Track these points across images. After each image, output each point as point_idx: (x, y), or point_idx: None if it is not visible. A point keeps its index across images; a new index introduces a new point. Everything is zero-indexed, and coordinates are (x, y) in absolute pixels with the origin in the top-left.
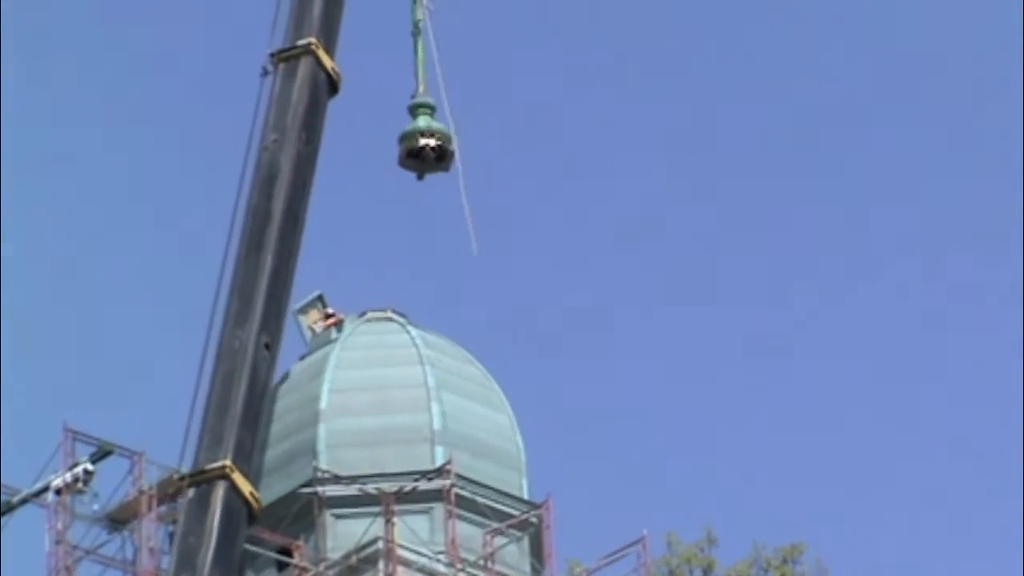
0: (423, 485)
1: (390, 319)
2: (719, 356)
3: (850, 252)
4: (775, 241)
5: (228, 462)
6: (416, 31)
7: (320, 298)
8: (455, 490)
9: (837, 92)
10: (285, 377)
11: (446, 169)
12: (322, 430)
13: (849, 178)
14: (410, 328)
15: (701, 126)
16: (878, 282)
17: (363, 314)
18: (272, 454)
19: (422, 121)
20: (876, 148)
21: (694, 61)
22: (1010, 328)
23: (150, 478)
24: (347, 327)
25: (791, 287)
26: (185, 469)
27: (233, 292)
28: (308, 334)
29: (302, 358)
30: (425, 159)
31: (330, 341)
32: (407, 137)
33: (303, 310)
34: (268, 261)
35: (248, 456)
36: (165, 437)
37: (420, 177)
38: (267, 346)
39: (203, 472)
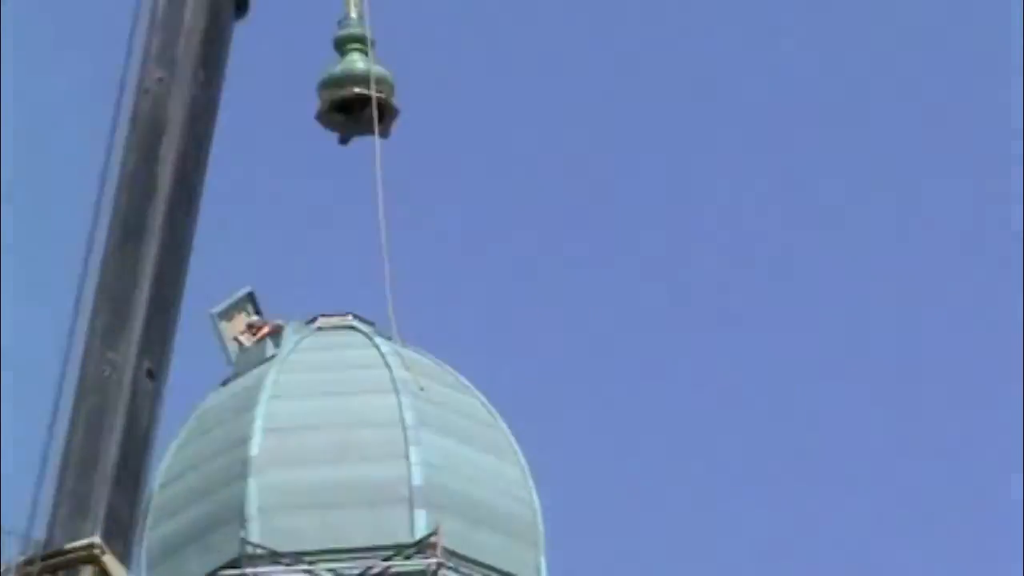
0: (398, 566)
1: (351, 327)
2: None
3: (857, 257)
4: (781, 252)
5: (97, 540)
6: None
7: (250, 298)
8: (444, 572)
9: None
10: (201, 410)
11: (384, 134)
12: (253, 486)
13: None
14: (379, 340)
15: (691, 119)
16: (880, 290)
17: (312, 321)
18: (184, 519)
19: (358, 62)
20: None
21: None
22: (1010, 328)
23: (7, 555)
24: (289, 339)
25: (800, 301)
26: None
27: (101, 298)
28: (233, 348)
29: (225, 383)
30: (356, 116)
31: (265, 359)
32: (334, 83)
33: (226, 315)
34: (152, 254)
35: (125, 530)
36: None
37: (344, 140)
38: (151, 373)
39: (61, 554)
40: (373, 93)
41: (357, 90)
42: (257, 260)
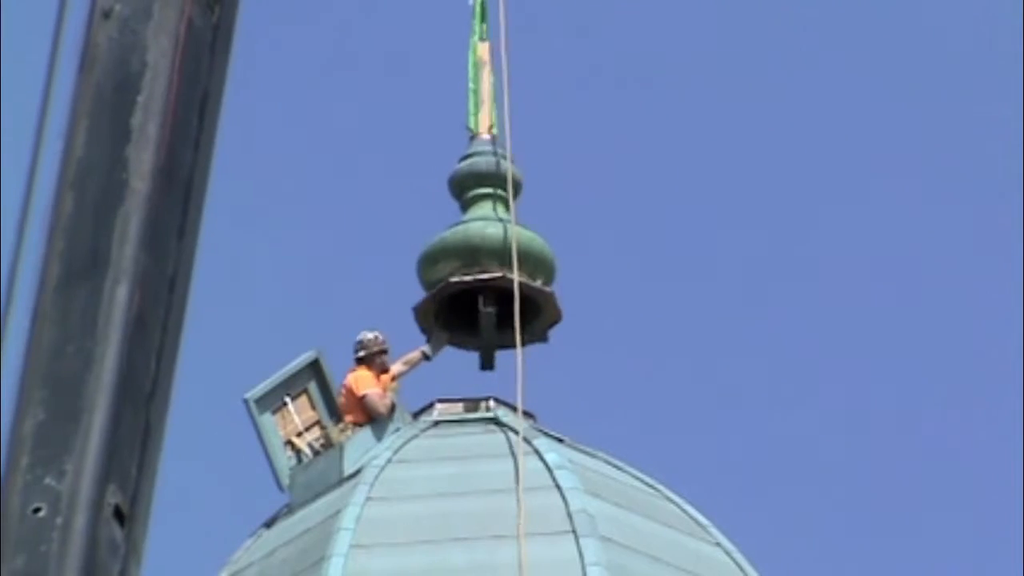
0: None
1: (494, 422)
2: None
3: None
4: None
5: None
6: None
7: (314, 369)
8: None
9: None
10: (230, 573)
11: (541, 336)
12: None
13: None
14: (547, 445)
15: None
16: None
17: (424, 410)
18: None
19: (488, 225)
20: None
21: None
22: (1009, 331)
23: None
24: (384, 440)
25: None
26: None
27: (31, 382)
28: (284, 461)
29: (271, 523)
30: (486, 319)
31: (341, 478)
32: (437, 258)
33: (271, 400)
34: (119, 302)
35: None
36: None
37: (486, 362)
38: (120, 514)
39: None
40: (516, 278)
41: (479, 276)
42: (324, 309)
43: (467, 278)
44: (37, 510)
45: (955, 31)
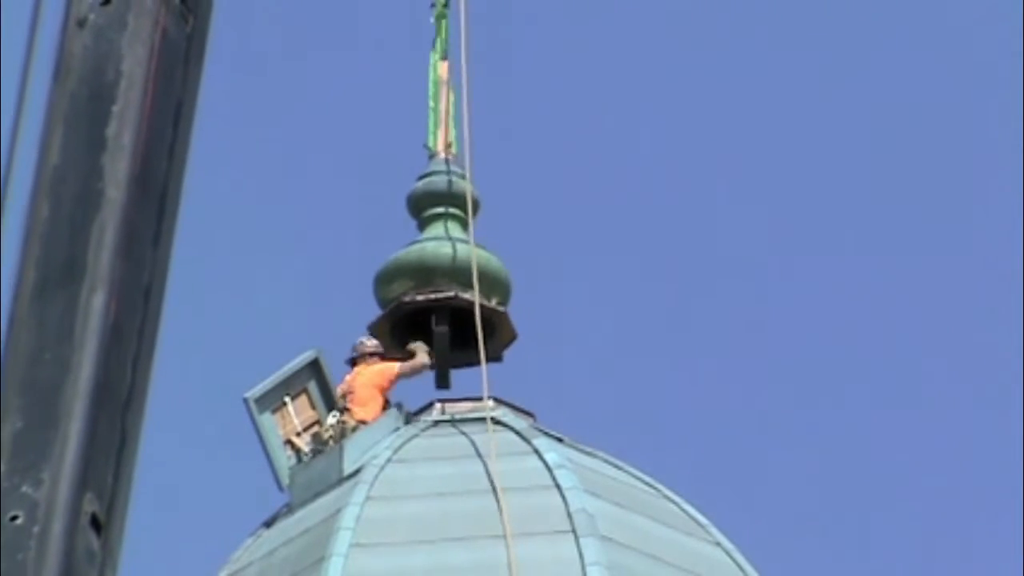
0: None
1: (493, 421)
2: None
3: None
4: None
5: None
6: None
7: (313, 369)
8: None
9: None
10: (229, 572)
11: (495, 355)
12: None
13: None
14: (546, 444)
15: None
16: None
17: (423, 409)
18: None
19: (445, 244)
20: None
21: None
22: (1010, 331)
23: None
24: (382, 441)
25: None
26: None
27: (8, 390)
28: (284, 461)
29: (271, 523)
30: (439, 339)
31: (341, 478)
32: (391, 277)
33: (271, 400)
34: (96, 309)
35: None
36: None
37: (441, 380)
38: (96, 522)
39: None
40: (477, 301)
41: (435, 296)
42: (321, 309)
43: (420, 298)
44: (14, 518)
45: (954, 30)
